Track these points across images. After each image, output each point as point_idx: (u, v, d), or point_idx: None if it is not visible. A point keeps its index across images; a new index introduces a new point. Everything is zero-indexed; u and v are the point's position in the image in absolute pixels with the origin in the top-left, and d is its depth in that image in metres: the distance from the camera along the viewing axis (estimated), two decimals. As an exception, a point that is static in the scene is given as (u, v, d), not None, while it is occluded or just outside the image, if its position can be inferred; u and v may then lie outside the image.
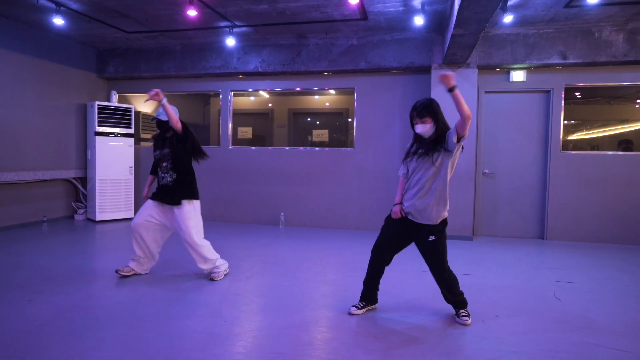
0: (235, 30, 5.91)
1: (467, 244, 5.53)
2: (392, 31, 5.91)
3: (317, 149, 6.77)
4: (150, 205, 3.67)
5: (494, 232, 6.08)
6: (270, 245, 5.24)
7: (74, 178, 6.83)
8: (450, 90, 2.55)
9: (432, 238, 2.81)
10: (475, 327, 2.83)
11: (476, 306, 3.18)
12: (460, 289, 2.98)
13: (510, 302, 3.32)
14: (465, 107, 2.55)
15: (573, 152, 5.84)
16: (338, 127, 8.58)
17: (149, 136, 7.63)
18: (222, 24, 5.72)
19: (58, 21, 5.22)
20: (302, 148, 6.81)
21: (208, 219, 7.02)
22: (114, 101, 7.08)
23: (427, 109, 2.78)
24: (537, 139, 5.94)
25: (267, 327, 2.77)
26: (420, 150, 2.82)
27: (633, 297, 3.49)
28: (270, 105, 9.03)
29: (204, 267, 3.73)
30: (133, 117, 7.00)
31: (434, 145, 2.78)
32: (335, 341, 2.57)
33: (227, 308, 3.09)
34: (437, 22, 5.48)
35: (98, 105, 6.61)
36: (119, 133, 6.80)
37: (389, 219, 2.99)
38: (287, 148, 6.84)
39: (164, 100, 3.47)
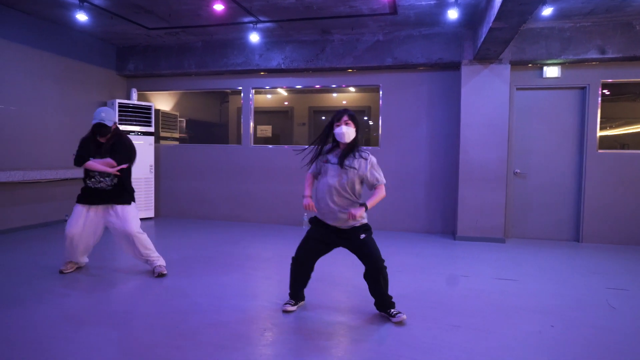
0: (259, 25, 5.77)
1: (499, 246, 5.34)
2: (421, 26, 5.72)
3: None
4: (82, 211, 3.68)
5: (526, 234, 5.87)
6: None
7: (94, 177, 6.74)
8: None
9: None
10: (533, 339, 2.65)
11: (526, 315, 3.00)
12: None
13: (562, 310, 3.13)
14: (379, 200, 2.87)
15: (610, 151, 5.60)
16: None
17: (169, 135, 7.54)
18: (246, 19, 5.58)
19: (81, 17, 5.12)
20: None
21: (229, 218, 6.91)
22: (134, 99, 6.98)
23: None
24: (571, 138, 5.72)
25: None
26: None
27: (691, 306, 3.28)
28: (286, 103, 8.88)
29: (145, 252, 3.76)
30: (153, 115, 6.90)
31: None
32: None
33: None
34: (470, 16, 5.28)
35: (118, 103, 6.52)
36: (139, 131, 6.71)
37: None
38: (307, 147, 6.67)
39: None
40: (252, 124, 6.89)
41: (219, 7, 4.73)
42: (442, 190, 6.06)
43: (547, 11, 4.63)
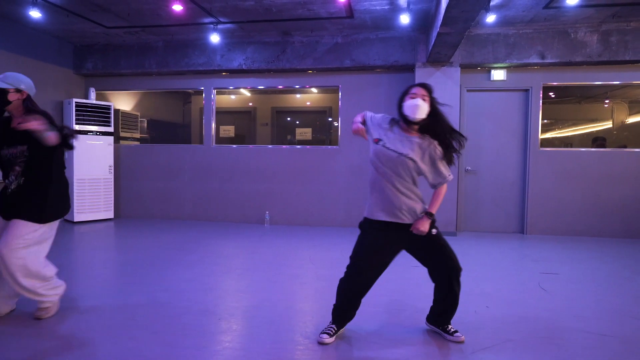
0: (220, 26, 5.84)
1: (451, 240, 5.63)
2: (377, 30, 5.97)
3: (299, 147, 6.77)
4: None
5: (477, 227, 6.23)
6: (258, 243, 5.20)
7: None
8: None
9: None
10: (470, 317, 2.89)
11: (468, 298, 3.25)
12: None
13: (500, 294, 3.40)
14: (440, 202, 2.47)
15: (551, 148, 6.04)
16: (320, 125, 8.60)
17: (129, 135, 7.46)
18: (207, 20, 5.65)
19: (35, 14, 5.05)
20: (285, 146, 6.78)
21: (192, 217, 6.92)
22: (92, 98, 6.88)
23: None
24: (517, 137, 6.12)
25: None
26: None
27: (613, 285, 3.64)
28: (250, 104, 8.97)
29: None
30: (112, 115, 6.82)
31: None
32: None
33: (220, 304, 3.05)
34: (422, 21, 5.57)
35: (76, 102, 6.41)
36: (97, 131, 6.62)
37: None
38: (270, 146, 6.81)
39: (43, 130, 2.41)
40: (214, 125, 6.93)
41: (177, 8, 4.78)
42: (399, 187, 6.32)
43: (490, 18, 4.96)
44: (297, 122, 8.94)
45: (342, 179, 6.48)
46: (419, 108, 2.35)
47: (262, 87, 6.83)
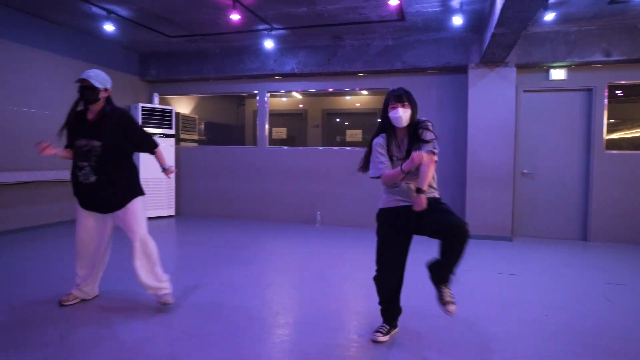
0: (273, 32, 6.05)
1: (506, 245, 5.49)
2: (429, 31, 5.93)
3: (349, 148, 6.85)
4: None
5: (533, 232, 6.01)
6: (309, 243, 5.35)
7: (118, 177, 7.14)
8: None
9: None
10: (529, 325, 2.84)
11: (526, 306, 3.18)
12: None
13: (561, 303, 3.30)
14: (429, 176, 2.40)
15: (617, 151, 5.70)
16: (370, 126, 8.63)
17: (188, 137, 7.89)
18: (261, 27, 5.87)
19: (108, 27, 5.50)
20: (335, 148, 6.90)
21: (246, 216, 7.22)
22: (156, 103, 7.36)
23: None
24: (578, 139, 5.83)
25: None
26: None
27: (685, 299, 3.42)
28: (301, 105, 9.16)
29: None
30: (174, 118, 7.26)
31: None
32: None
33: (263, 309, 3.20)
34: (476, 22, 5.46)
35: (141, 106, 6.90)
36: (161, 133, 7.07)
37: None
38: (320, 148, 6.95)
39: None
40: (267, 126, 7.18)
41: (235, 17, 5.03)
42: (450, 190, 6.23)
43: (549, 16, 4.79)
44: (347, 124, 9.03)
45: (391, 181, 6.48)
46: (401, 119, 2.46)
47: (313, 90, 6.99)
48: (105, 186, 2.79)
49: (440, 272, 2.41)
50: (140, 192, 2.96)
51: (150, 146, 2.96)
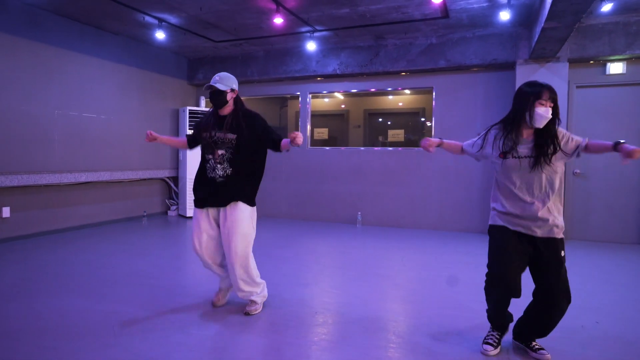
0: (316, 34, 6.12)
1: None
2: (474, 27, 5.76)
3: (391, 148, 6.79)
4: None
5: (586, 236, 5.69)
6: (350, 243, 5.37)
7: (168, 177, 7.50)
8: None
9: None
10: (578, 333, 2.71)
11: (577, 312, 3.04)
12: None
13: (614, 310, 3.12)
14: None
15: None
16: (413, 126, 8.51)
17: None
18: (304, 29, 5.96)
19: (160, 35, 5.78)
20: (377, 148, 6.86)
21: (288, 216, 7.34)
22: (203, 106, 7.65)
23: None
24: (636, 136, 5.46)
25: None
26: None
27: None
28: (342, 106, 9.18)
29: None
30: (219, 121, 7.49)
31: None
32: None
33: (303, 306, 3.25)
34: (524, 16, 5.25)
35: (189, 110, 7.19)
36: (207, 135, 7.32)
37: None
38: (362, 148, 6.94)
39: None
40: (309, 127, 7.26)
41: (278, 21, 5.13)
42: (497, 191, 6.03)
43: (606, 7, 4.52)
44: (389, 124, 8.95)
45: (434, 182, 6.37)
46: (545, 120, 2.26)
47: (355, 90, 6.99)
48: (235, 179, 2.85)
49: (531, 335, 2.38)
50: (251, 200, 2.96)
51: (276, 146, 2.92)
